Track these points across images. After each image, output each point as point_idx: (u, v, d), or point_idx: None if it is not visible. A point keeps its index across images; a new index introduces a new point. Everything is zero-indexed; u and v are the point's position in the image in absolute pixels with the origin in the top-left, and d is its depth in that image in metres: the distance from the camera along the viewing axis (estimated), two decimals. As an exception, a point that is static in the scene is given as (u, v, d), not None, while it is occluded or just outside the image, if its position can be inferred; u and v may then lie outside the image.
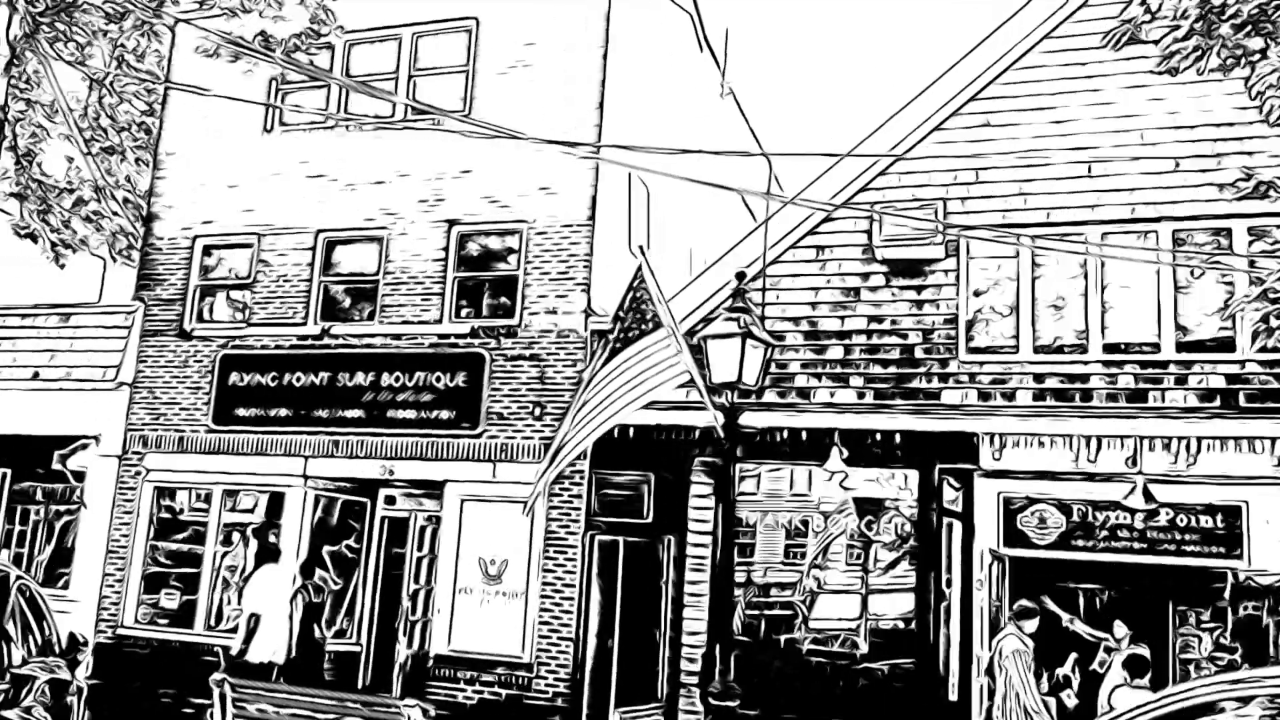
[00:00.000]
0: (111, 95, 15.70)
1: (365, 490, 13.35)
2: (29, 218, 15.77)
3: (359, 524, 13.48)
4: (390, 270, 12.98)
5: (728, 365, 7.46)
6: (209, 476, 13.24)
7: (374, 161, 13.32)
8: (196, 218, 14.10)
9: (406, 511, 13.33)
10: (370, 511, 13.52)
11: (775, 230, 11.38)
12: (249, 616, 11.57)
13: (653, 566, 11.57)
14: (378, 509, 13.55)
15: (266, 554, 12.11)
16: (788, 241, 11.32)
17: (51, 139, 16.02)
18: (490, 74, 12.99)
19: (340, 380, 12.77)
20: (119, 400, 13.85)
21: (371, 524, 13.49)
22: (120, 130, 16.00)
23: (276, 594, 11.82)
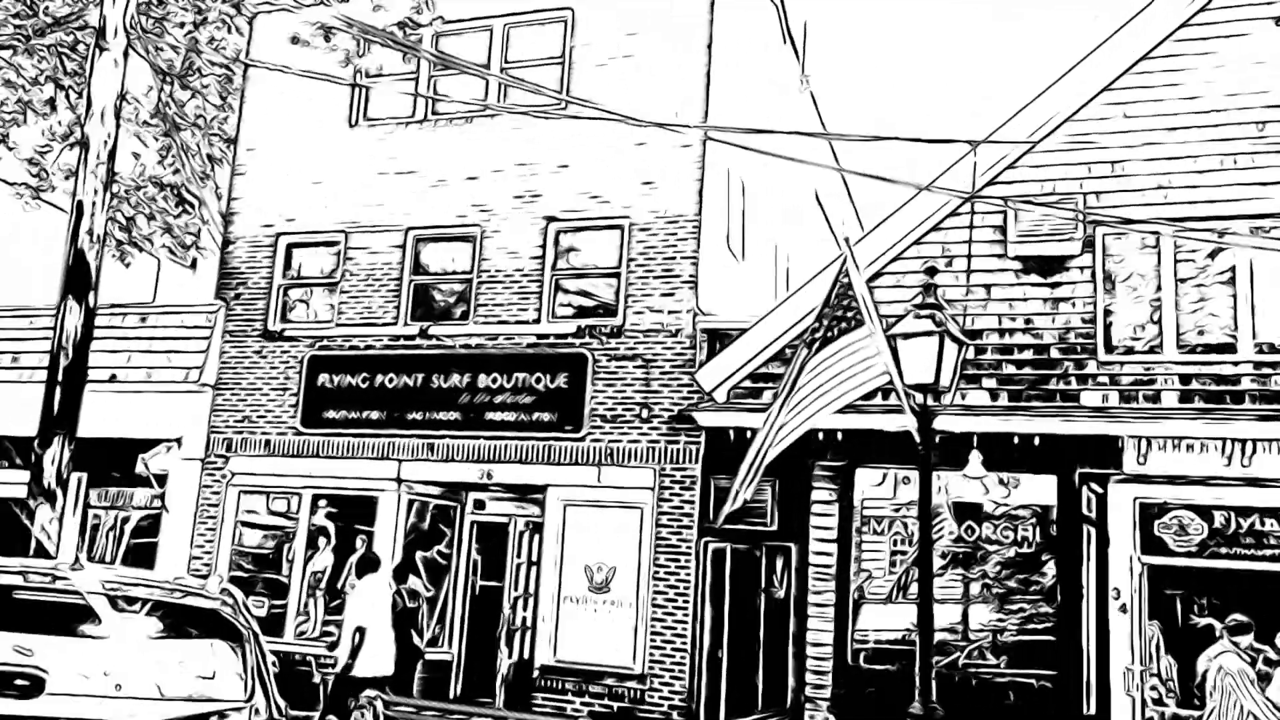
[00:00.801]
0: (183, 89, 15.39)
1: (454, 494, 12.99)
2: (98, 216, 15.45)
3: (449, 529, 13.11)
4: (485, 268, 12.61)
5: (922, 366, 7.06)
6: (297, 480, 12.88)
7: (466, 157, 12.96)
8: (279, 215, 13.76)
9: (504, 516, 12.96)
10: (459, 516, 13.15)
11: (896, 227, 10.97)
12: (354, 631, 11.15)
13: (770, 574, 11.16)
14: (466, 514, 13.18)
15: (367, 564, 11.71)
16: (912, 237, 10.91)
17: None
18: (588, 65, 12.60)
19: (435, 381, 12.40)
20: (201, 402, 13.51)
21: (460, 529, 13.12)
22: (192, 125, 15.69)
23: (380, 605, 11.41)
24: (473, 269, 12.70)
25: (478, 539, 13.14)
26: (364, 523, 12.82)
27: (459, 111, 12.99)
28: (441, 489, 12.77)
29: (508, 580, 12.41)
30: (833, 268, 10.95)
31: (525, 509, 12.53)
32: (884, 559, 10.70)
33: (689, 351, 11.57)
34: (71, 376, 8.45)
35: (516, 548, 12.53)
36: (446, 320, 12.68)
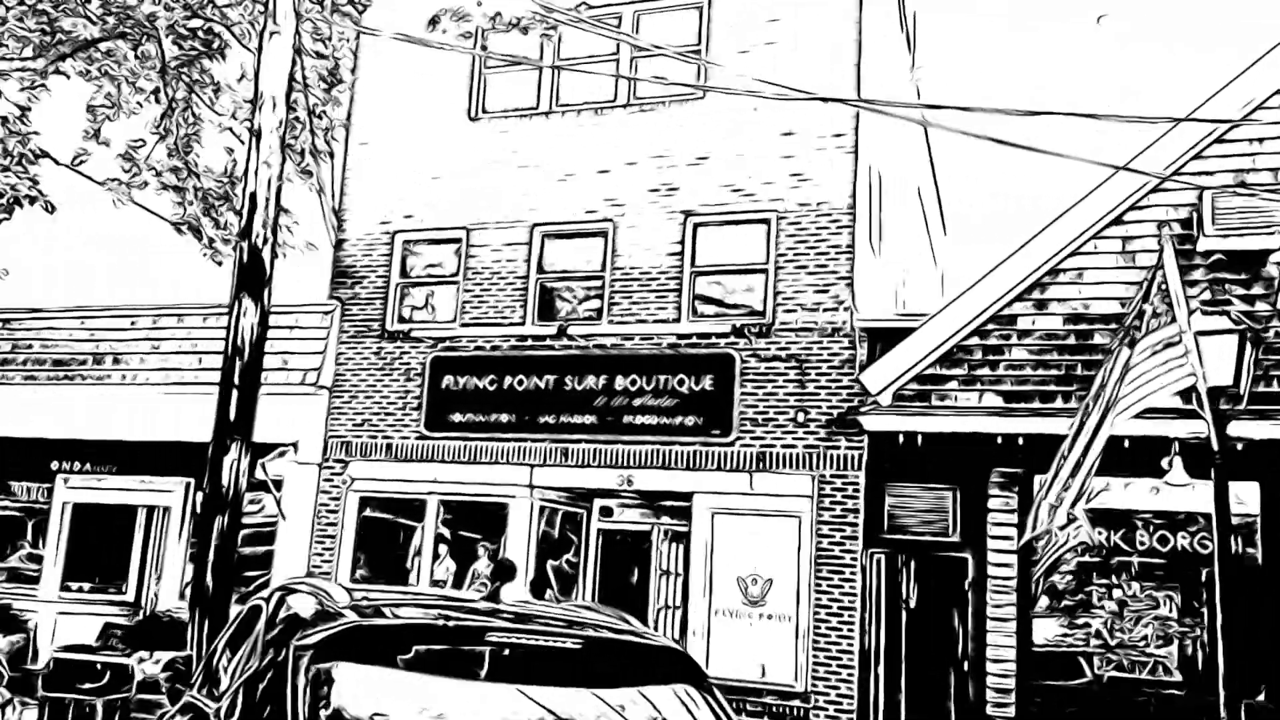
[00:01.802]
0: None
1: (581, 502, 12.46)
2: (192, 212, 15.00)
3: (576, 537, 12.58)
4: (618, 265, 12.07)
5: (1220, 367, 6.48)
6: (422, 486, 12.37)
7: (595, 150, 12.43)
8: (396, 212, 13.25)
9: (633, 524, 12.41)
10: (586, 524, 12.61)
11: (1071, 222, 10.37)
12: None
13: (944, 587, 10.58)
14: (593, 521, 12.64)
15: (504, 571, 11.13)
16: (1090, 232, 10.31)
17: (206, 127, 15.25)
18: (729, 53, 12.04)
19: (568, 384, 11.87)
20: (318, 405, 13.02)
21: (587, 537, 12.58)
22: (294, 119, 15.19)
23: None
24: (605, 266, 12.16)
25: (605, 548, 12.60)
26: (485, 529, 12.31)
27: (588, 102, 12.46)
28: (568, 495, 12.24)
29: (652, 592, 11.85)
30: (1007, 266, 10.38)
31: (658, 516, 11.98)
32: (1069, 570, 10.11)
33: (846, 351, 11.00)
34: (248, 379, 7.94)
35: (660, 557, 11.97)
36: (575, 320, 12.14)
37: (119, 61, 13.68)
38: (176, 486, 13.52)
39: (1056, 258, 10.25)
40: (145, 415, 13.62)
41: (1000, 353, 10.29)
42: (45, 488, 14.35)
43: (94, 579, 14.37)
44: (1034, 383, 10.19)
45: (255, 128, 8.31)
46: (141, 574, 14.76)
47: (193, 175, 14.84)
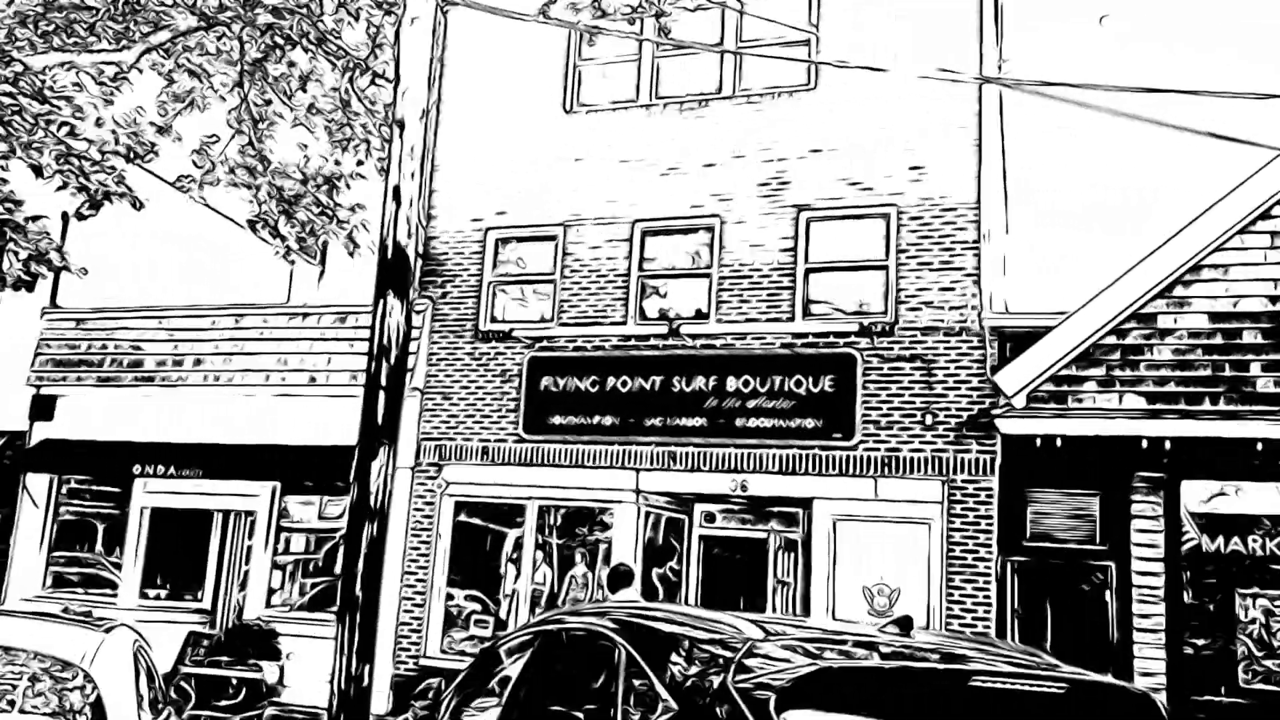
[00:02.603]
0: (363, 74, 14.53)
1: (683, 507, 12.05)
2: (268, 210, 14.61)
3: (679, 544, 12.17)
4: (726, 262, 11.67)
5: None
6: (521, 490, 11.98)
7: (699, 143, 12.03)
8: (488, 208, 12.86)
9: (739, 530, 12.00)
10: (688, 531, 12.20)
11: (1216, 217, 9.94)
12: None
13: (1085, 595, 10.15)
14: (695, 528, 12.23)
15: (620, 578, 10.77)
16: (1237, 226, 9.87)
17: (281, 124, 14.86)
18: (839, 46, 11.63)
19: (676, 385, 11.47)
20: (409, 407, 12.61)
21: (689, 544, 12.17)
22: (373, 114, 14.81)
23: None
24: (712, 263, 11.75)
25: (708, 555, 12.18)
26: (583, 535, 11.92)
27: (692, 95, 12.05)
28: (671, 501, 11.84)
29: (770, 601, 11.43)
30: (1147, 263, 9.97)
31: (765, 522, 11.55)
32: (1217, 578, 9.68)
33: (975, 351, 10.58)
34: (394, 380, 7.54)
35: (775, 565, 11.56)
36: (685, 319, 11.73)
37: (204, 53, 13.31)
38: (262, 491, 13.15)
39: (1199, 254, 9.82)
40: (227, 418, 13.26)
41: (1140, 353, 9.86)
42: (123, 492, 13.99)
43: (170, 586, 14.01)
44: (1177, 384, 9.76)
45: (398, 118, 7.92)
46: (218, 580, 14.40)
47: (266, 172, 14.47)
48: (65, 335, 14.38)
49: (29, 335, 14.73)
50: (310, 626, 12.45)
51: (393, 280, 7.62)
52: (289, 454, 12.82)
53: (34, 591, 13.88)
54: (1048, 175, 12.28)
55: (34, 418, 14.36)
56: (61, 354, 14.30)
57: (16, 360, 14.71)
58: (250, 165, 14.52)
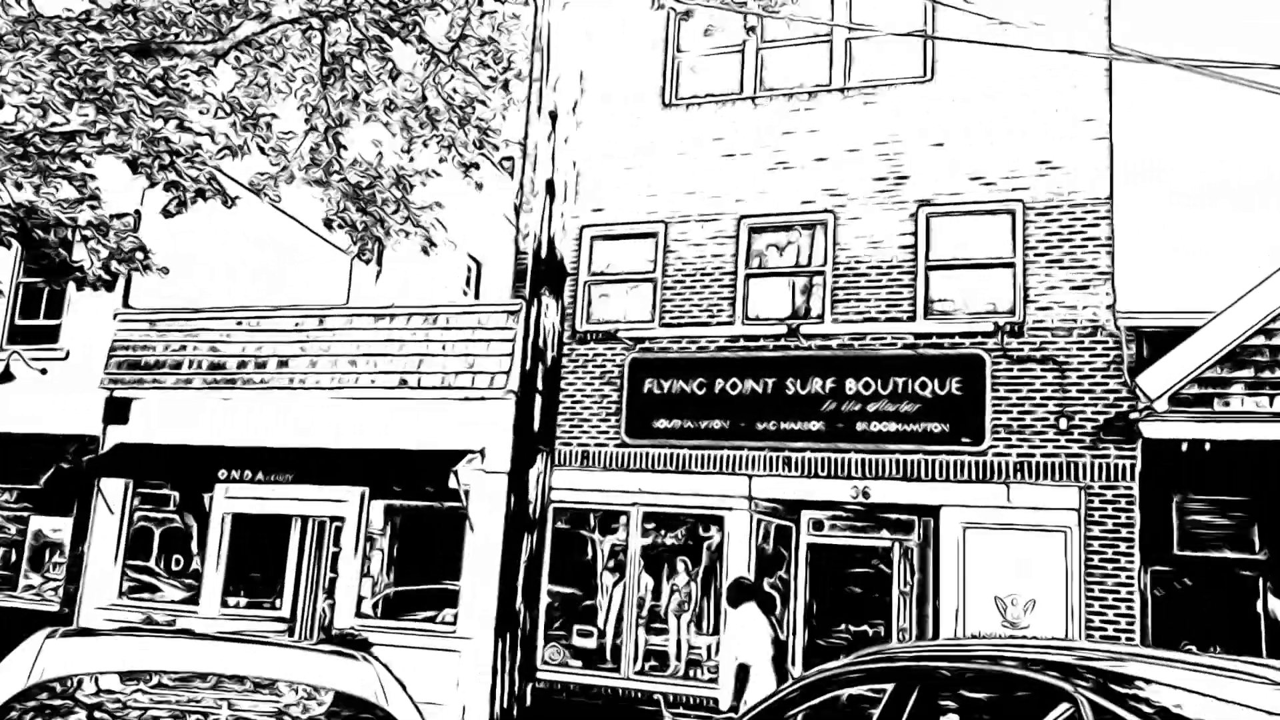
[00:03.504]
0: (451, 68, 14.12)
1: (790, 514, 11.65)
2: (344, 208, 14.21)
3: (786, 552, 11.76)
4: (841, 259, 11.26)
5: None
6: (625, 497, 11.58)
7: (809, 137, 11.63)
8: (583, 206, 12.46)
9: (847, 538, 11.59)
10: (795, 539, 11.80)
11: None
12: (738, 666, 9.85)
13: (1236, 607, 9.72)
14: (802, 536, 11.83)
15: (743, 591, 10.35)
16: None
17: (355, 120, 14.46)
18: (958, 30, 11.22)
19: (790, 387, 11.06)
20: (504, 410, 12.21)
21: (796, 553, 11.77)
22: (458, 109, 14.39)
23: (761, 638, 10.09)
24: (825, 261, 11.35)
25: (814, 564, 11.78)
26: (684, 543, 11.52)
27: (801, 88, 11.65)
28: (779, 508, 11.44)
29: (895, 612, 11.02)
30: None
31: (877, 529, 11.15)
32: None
33: (1110, 351, 10.16)
34: (550, 384, 7.15)
35: (902, 575, 11.14)
36: (804, 319, 11.33)
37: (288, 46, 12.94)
38: (350, 496, 12.75)
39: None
40: (313, 421, 12.87)
41: (1299, 353, 9.45)
42: (202, 497, 13.61)
43: (249, 594, 13.63)
44: (1332, 386, 9.34)
45: (551, 109, 7.55)
46: (297, 588, 14.02)
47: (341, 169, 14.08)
48: (140, 337, 14.01)
49: (101, 337, 14.36)
50: (401, 635, 12.05)
51: (547, 278, 7.25)
52: (377, 458, 12.42)
53: (109, 600, 13.50)
54: (1176, 157, 11.84)
55: (108, 421, 13.98)
56: (136, 356, 13.93)
57: (88, 362, 14.34)
58: (325, 162, 14.12)
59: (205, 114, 11.30)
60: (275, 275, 17.21)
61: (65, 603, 13.77)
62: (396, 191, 14.16)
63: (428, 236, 14.43)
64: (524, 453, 7.09)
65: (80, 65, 10.02)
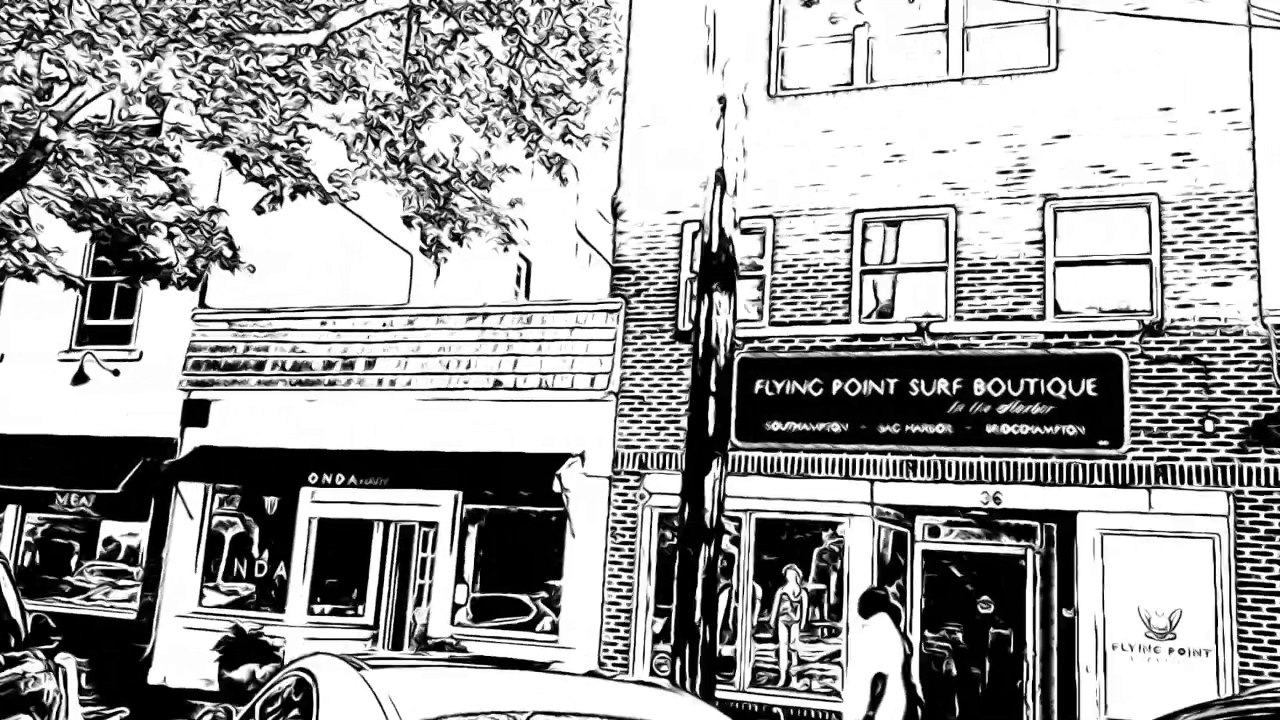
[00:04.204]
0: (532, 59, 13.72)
1: (906, 520, 11.25)
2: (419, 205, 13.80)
3: (903, 560, 11.36)
4: (963, 255, 10.86)
5: None
6: (736, 502, 11.15)
7: (927, 128, 11.23)
8: (684, 201, 12.08)
9: (967, 545, 11.20)
10: (909, 546, 11.39)
11: None
12: (873, 677, 9.44)
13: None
14: (917, 542, 11.43)
15: (874, 601, 9.92)
16: None
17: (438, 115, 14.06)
18: (1084, 20, 10.81)
19: (913, 388, 10.66)
20: (605, 412, 11.84)
21: (911, 561, 11.36)
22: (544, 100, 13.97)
23: (893, 649, 9.69)
24: (947, 257, 10.95)
25: (929, 572, 11.38)
26: (792, 550, 11.13)
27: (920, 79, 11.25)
28: (898, 514, 11.04)
29: (1030, 623, 10.62)
30: None
31: (995, 535, 10.75)
32: None
33: (1258, 351, 9.75)
34: (724, 385, 6.76)
35: (1036, 584, 10.74)
36: (926, 317, 10.93)
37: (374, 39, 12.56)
38: (443, 500, 12.36)
39: None
40: (403, 423, 12.49)
41: None
42: (284, 501, 13.24)
43: (329, 600, 13.26)
44: None
45: (719, 95, 7.16)
46: (379, 594, 13.65)
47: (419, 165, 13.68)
48: (219, 337, 13.64)
49: (175, 337, 13.99)
50: (498, 645, 11.67)
51: (718, 274, 6.85)
52: (474, 462, 12.03)
53: (190, 608, 13.13)
54: None
55: (186, 423, 13.62)
56: (215, 357, 13.56)
57: (162, 363, 13.97)
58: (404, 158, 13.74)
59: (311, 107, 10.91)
60: (341, 274, 16.85)
61: (143, 612, 13.39)
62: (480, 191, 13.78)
63: (507, 233, 14.02)
64: (699, 458, 6.68)
65: (200, 55, 9.61)
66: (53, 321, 14.71)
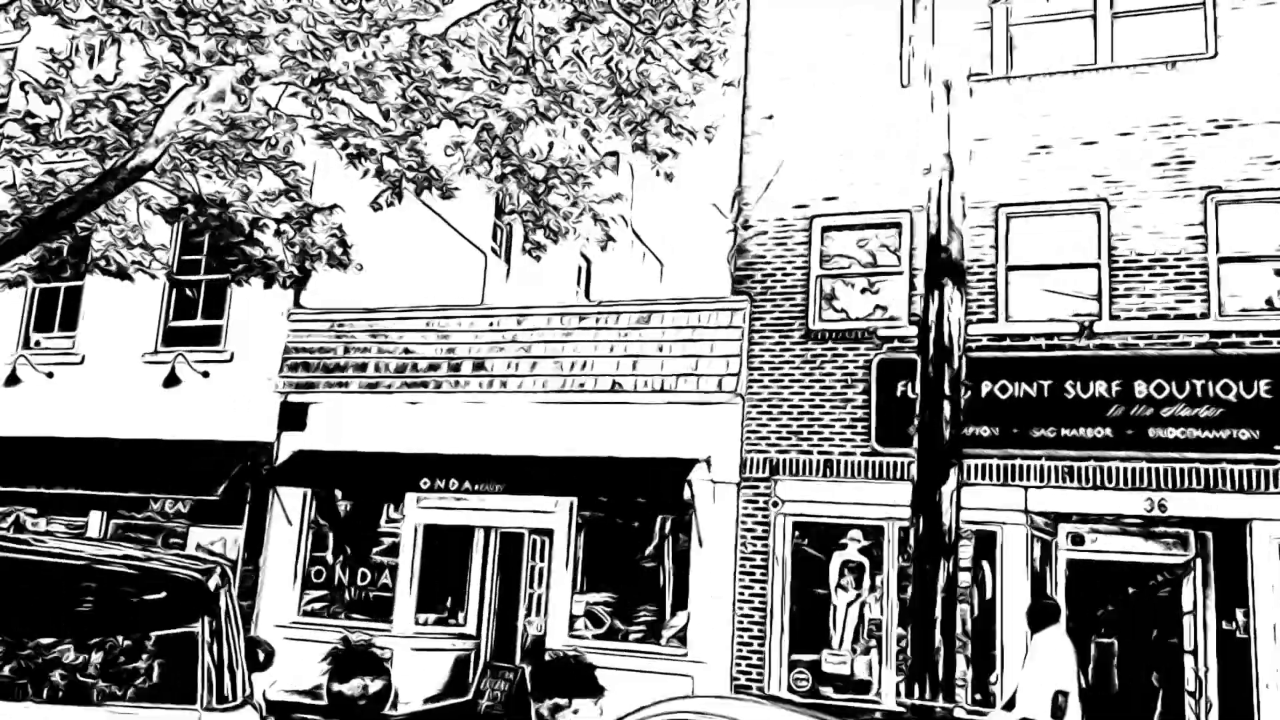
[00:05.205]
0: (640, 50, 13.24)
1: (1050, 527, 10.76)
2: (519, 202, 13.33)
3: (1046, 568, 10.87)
4: (1118, 251, 10.38)
5: None
6: (876, 510, 10.70)
7: (1074, 119, 10.75)
8: (813, 195, 11.61)
9: (1118, 555, 10.71)
10: (1053, 554, 10.91)
11: None
12: (1055, 694, 8.96)
13: None
14: (1061, 550, 10.94)
15: (1045, 614, 9.40)
16: None
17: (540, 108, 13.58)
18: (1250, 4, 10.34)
19: (1068, 390, 10.18)
20: (731, 415, 11.37)
21: (1055, 570, 10.87)
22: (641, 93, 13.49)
23: (1069, 664, 9.21)
24: (1099, 253, 10.47)
25: (1074, 582, 10.90)
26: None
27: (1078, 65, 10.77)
28: (1046, 521, 10.56)
29: (1193, 635, 10.13)
30: None
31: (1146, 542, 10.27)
32: None
33: None
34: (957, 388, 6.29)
35: (1200, 596, 10.26)
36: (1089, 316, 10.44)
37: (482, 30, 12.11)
38: (557, 507, 11.90)
39: None
40: (515, 426, 12.03)
41: None
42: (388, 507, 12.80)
43: (433, 609, 12.82)
44: None
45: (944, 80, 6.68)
46: (481, 603, 13.20)
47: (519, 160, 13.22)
48: (316, 338, 13.20)
49: (267, 338, 13.56)
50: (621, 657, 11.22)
51: (948, 268, 6.38)
52: (593, 467, 11.57)
53: (289, 617, 12.68)
54: None
55: (283, 427, 13.17)
56: (313, 358, 13.12)
57: (254, 365, 13.54)
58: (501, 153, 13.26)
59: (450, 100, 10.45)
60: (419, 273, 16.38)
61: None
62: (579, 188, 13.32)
63: (607, 231, 13.53)
64: (933, 468, 6.22)
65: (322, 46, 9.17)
66: (136, 323, 14.28)
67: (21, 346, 14.92)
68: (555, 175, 13.29)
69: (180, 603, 3.41)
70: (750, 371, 11.41)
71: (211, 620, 3.46)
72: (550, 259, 17.69)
